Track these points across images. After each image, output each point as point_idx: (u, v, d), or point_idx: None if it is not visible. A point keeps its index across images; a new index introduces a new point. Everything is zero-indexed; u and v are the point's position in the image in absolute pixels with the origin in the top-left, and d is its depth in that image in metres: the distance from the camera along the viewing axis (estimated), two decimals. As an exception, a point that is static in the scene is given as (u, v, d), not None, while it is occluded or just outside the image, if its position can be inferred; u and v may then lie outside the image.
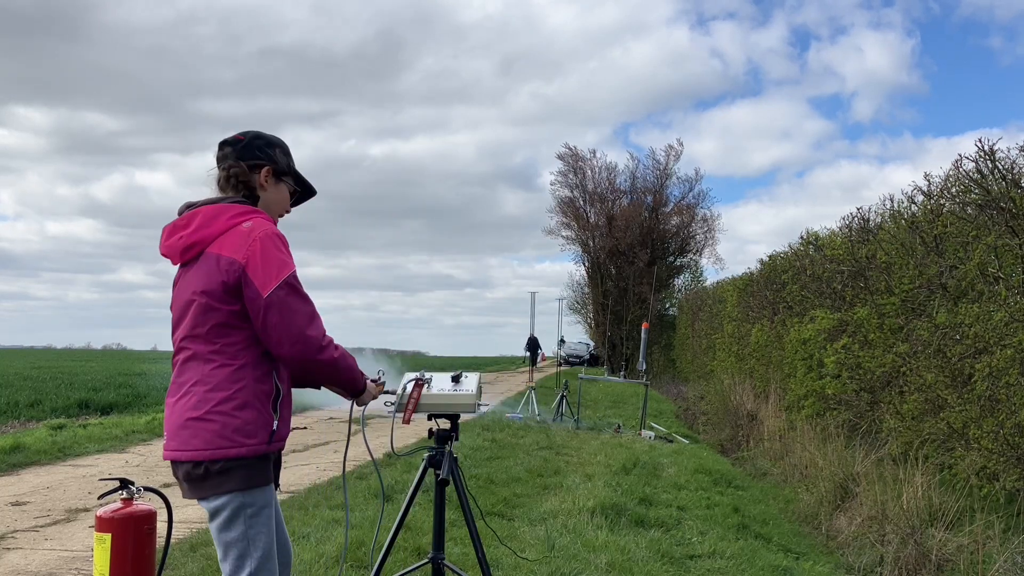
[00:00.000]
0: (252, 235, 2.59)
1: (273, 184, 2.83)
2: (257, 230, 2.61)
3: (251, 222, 2.64)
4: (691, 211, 39.01)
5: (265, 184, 2.80)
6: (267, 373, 2.64)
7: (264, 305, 2.53)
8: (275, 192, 2.84)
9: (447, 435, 3.49)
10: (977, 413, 5.82)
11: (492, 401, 18.20)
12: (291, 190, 2.91)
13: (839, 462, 7.48)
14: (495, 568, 4.61)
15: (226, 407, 2.56)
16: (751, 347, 13.89)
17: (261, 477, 2.62)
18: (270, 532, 2.65)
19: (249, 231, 2.60)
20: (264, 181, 2.80)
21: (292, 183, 2.90)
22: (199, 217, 2.66)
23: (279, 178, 2.84)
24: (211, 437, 2.56)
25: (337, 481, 7.75)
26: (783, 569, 5.22)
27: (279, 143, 2.88)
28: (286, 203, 2.90)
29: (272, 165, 2.81)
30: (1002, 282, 5.92)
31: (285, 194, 2.88)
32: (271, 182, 2.82)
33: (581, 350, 50.25)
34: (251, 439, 2.57)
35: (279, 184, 2.85)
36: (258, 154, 2.79)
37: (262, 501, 2.62)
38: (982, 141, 6.21)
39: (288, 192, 2.89)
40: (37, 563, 5.08)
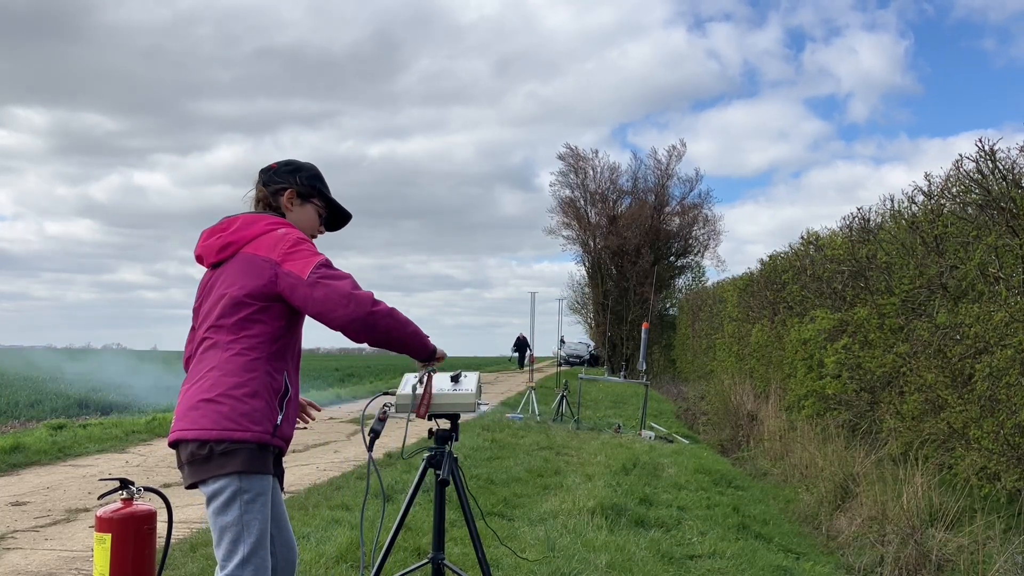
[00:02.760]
0: (285, 238, 2.78)
1: (299, 206, 3.00)
2: (290, 235, 2.81)
3: (285, 229, 2.83)
4: (693, 211, 39.02)
5: (290, 206, 2.99)
6: (279, 370, 2.77)
7: (308, 284, 2.67)
8: (301, 213, 3.00)
9: (447, 435, 3.49)
10: (977, 413, 5.81)
11: (492, 401, 18.20)
12: (319, 211, 3.05)
13: (839, 462, 7.48)
14: (495, 568, 4.61)
15: (237, 392, 2.68)
16: (751, 347, 13.88)
17: (261, 464, 2.69)
18: (264, 520, 2.70)
19: (282, 235, 2.79)
20: (288, 203, 2.99)
21: (320, 204, 3.05)
22: (239, 221, 2.87)
23: (305, 200, 3.01)
24: (219, 418, 2.65)
25: (337, 481, 7.75)
26: (783, 569, 5.22)
27: (307, 167, 3.06)
28: (313, 223, 3.04)
29: (295, 188, 2.98)
30: (1002, 282, 5.92)
31: (311, 215, 3.03)
32: (296, 203, 2.99)
33: (581, 350, 50.22)
34: (257, 426, 2.67)
35: (305, 206, 3.01)
36: (280, 180, 2.99)
37: (259, 488, 2.69)
38: (982, 141, 6.22)
39: (316, 213, 3.04)
40: (37, 563, 5.08)
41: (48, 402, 17.12)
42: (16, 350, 72.65)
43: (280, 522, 2.97)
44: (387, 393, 3.51)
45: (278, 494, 2.94)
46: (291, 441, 2.89)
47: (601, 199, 39.50)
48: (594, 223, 39.20)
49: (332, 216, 3.14)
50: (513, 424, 12.88)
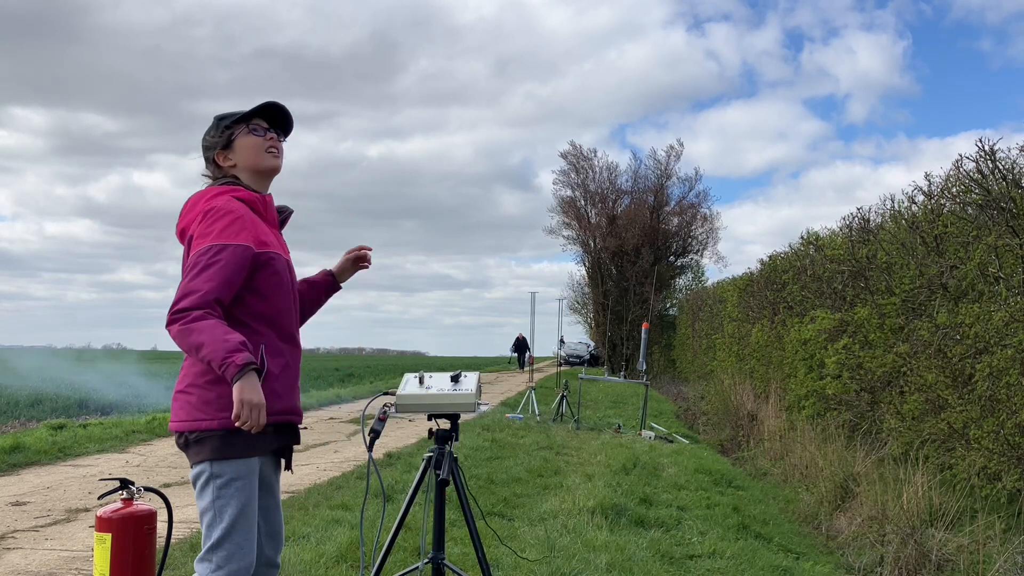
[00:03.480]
0: (199, 223, 2.68)
1: (233, 153, 2.85)
2: (206, 205, 2.71)
3: (205, 209, 2.70)
4: (692, 211, 39.04)
5: (228, 160, 2.85)
6: (253, 350, 2.66)
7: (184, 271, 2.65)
8: (239, 154, 2.85)
9: (447, 435, 3.49)
10: (978, 413, 5.81)
11: (492, 401, 18.19)
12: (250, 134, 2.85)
13: (839, 462, 7.48)
14: (495, 568, 4.61)
15: (201, 380, 2.66)
16: (751, 347, 13.88)
17: (235, 449, 2.64)
18: (240, 506, 2.64)
19: (199, 218, 2.69)
20: (225, 161, 2.86)
21: (245, 129, 2.85)
22: (187, 204, 2.82)
23: (230, 143, 2.85)
24: (190, 409, 2.66)
25: (337, 481, 7.75)
26: (783, 569, 5.22)
27: (211, 124, 2.89)
28: (256, 149, 2.85)
29: (217, 147, 2.85)
30: (1002, 282, 5.92)
31: (247, 144, 2.85)
32: (229, 154, 2.85)
33: (581, 350, 50.21)
34: (223, 412, 2.60)
35: (235, 147, 2.85)
36: (207, 153, 2.89)
37: (233, 473, 2.64)
38: (982, 141, 6.22)
39: (249, 139, 2.85)
40: (37, 563, 5.08)
41: (48, 402, 17.12)
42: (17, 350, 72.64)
43: (269, 513, 2.89)
44: (387, 393, 3.51)
45: (272, 482, 2.87)
46: (296, 412, 2.83)
47: (601, 199, 39.51)
48: (594, 223, 39.20)
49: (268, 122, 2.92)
50: (513, 424, 12.88)
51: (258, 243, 2.71)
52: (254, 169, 2.86)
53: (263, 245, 2.72)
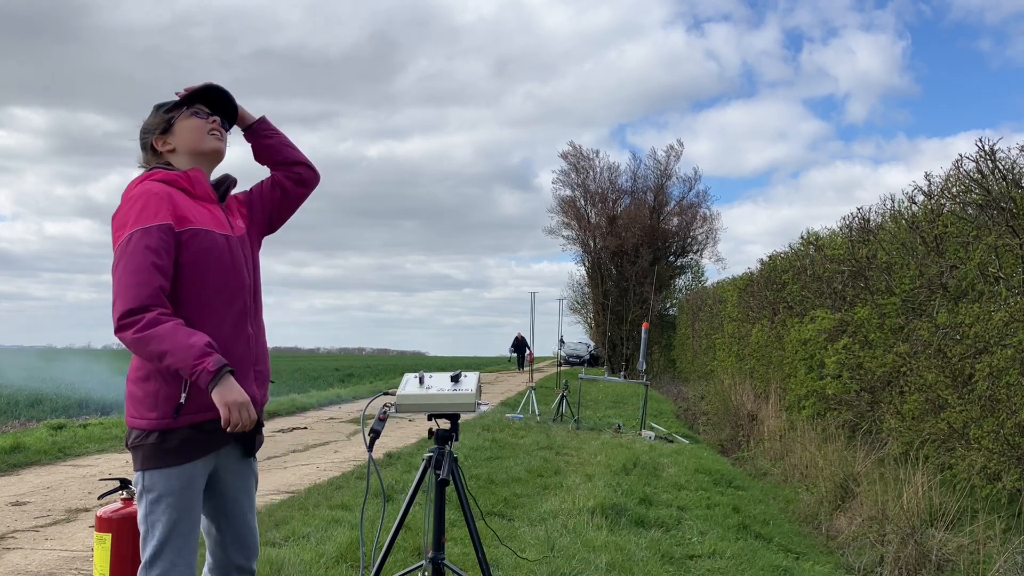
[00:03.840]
0: (115, 216, 2.56)
1: (172, 136, 2.71)
2: (124, 196, 2.59)
3: (122, 202, 2.58)
4: (692, 211, 39.04)
5: (167, 145, 2.71)
6: None
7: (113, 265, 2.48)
8: (179, 138, 2.70)
9: (447, 435, 3.49)
10: (978, 413, 5.81)
11: (492, 401, 18.19)
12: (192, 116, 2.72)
13: (839, 462, 7.48)
14: (495, 568, 4.61)
15: (134, 375, 2.55)
16: (751, 347, 13.88)
17: (166, 457, 2.48)
18: (172, 523, 2.48)
19: (122, 199, 2.59)
20: (163, 145, 2.71)
21: (185, 112, 2.72)
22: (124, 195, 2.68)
23: (169, 127, 2.71)
24: (128, 406, 2.56)
25: (337, 481, 7.75)
26: (783, 569, 5.22)
27: (152, 112, 2.76)
28: (197, 131, 2.71)
29: (155, 132, 2.71)
30: (1002, 282, 5.92)
31: (188, 127, 2.71)
32: (168, 138, 2.71)
33: (581, 350, 50.20)
34: (152, 412, 2.48)
35: (175, 130, 2.71)
36: (145, 139, 2.74)
37: (163, 488, 2.48)
38: (982, 141, 6.22)
39: (191, 121, 2.71)
40: (37, 563, 5.08)
41: (48, 402, 17.12)
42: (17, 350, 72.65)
43: (232, 516, 2.72)
44: (387, 393, 3.51)
45: (231, 481, 2.70)
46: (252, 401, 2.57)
47: (601, 199, 39.51)
48: (594, 223, 39.19)
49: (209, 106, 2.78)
50: (513, 424, 12.88)
51: (178, 220, 2.52)
52: (195, 151, 2.70)
53: (184, 222, 2.53)
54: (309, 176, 2.97)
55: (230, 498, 2.71)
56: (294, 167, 2.94)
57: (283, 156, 2.93)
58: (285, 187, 2.92)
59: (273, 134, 2.94)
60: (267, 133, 2.93)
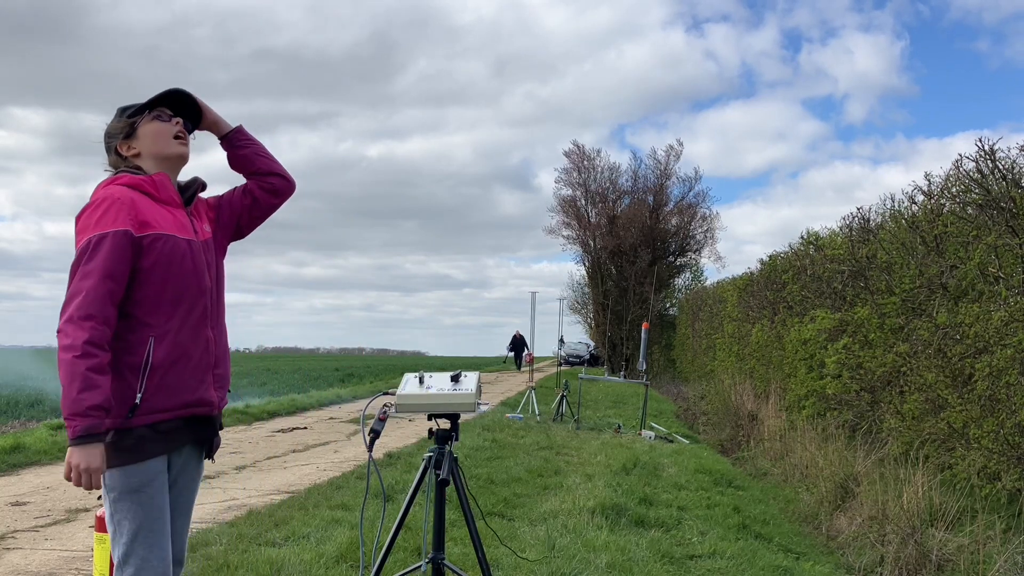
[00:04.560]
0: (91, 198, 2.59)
1: (136, 140, 2.71)
2: (94, 194, 2.61)
3: (93, 196, 2.61)
4: (691, 211, 39.02)
5: (132, 149, 2.71)
6: (139, 343, 2.53)
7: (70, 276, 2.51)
8: (143, 142, 2.71)
9: (447, 435, 3.49)
10: (977, 413, 5.81)
11: (492, 401, 18.19)
12: (156, 120, 2.72)
13: (839, 462, 7.48)
14: (495, 568, 4.61)
15: None
16: (751, 347, 13.88)
17: (118, 458, 2.49)
18: (139, 520, 2.51)
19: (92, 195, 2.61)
20: (127, 150, 2.71)
21: (148, 116, 2.72)
22: None
23: (132, 132, 2.71)
24: None
25: (337, 481, 7.75)
26: (783, 569, 5.22)
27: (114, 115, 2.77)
28: (162, 136, 2.72)
29: (118, 136, 2.72)
30: (1002, 282, 5.92)
31: (151, 132, 2.71)
32: (131, 143, 2.71)
33: (581, 350, 50.20)
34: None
35: (139, 135, 2.71)
36: (107, 145, 2.75)
37: (124, 485, 2.50)
38: (982, 141, 6.22)
39: (155, 125, 2.72)
40: (37, 563, 5.08)
41: (48, 402, 17.12)
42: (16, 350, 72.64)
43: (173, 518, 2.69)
44: (387, 393, 3.51)
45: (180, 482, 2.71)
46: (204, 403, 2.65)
47: (601, 199, 39.50)
48: (594, 223, 39.19)
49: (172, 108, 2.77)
50: (513, 424, 12.88)
51: (138, 226, 2.53)
52: (159, 156, 2.71)
53: (145, 227, 2.54)
54: (282, 187, 2.95)
55: (171, 498, 2.70)
56: (268, 177, 2.92)
57: (257, 166, 2.92)
58: (256, 196, 2.91)
59: (248, 144, 2.92)
60: (242, 143, 2.92)
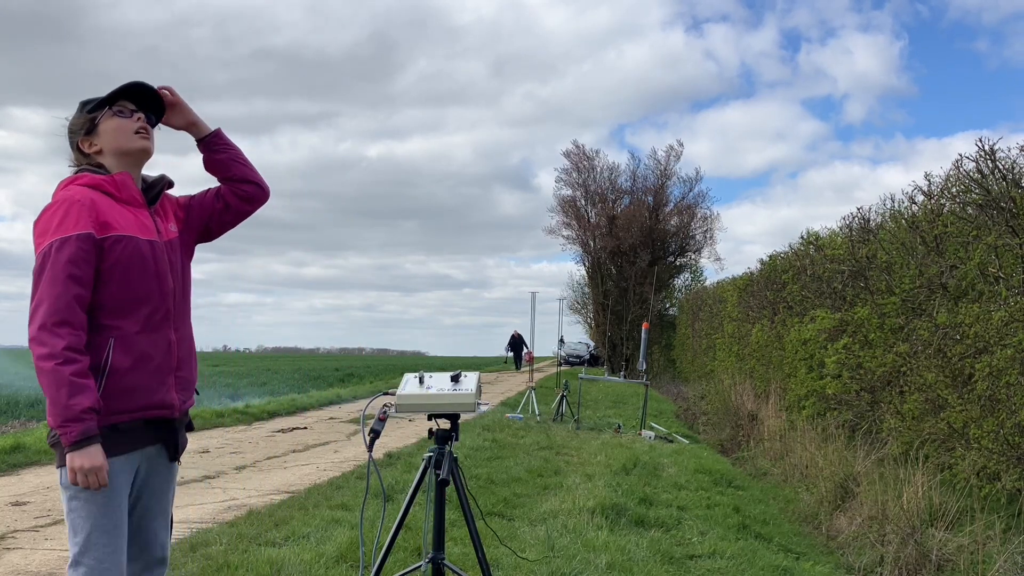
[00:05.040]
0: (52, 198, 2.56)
1: (97, 136, 2.66)
2: (54, 195, 2.58)
3: (53, 197, 2.58)
4: (691, 211, 39.02)
5: (93, 146, 2.66)
6: (98, 345, 2.49)
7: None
8: (105, 138, 2.66)
9: (447, 435, 3.49)
10: (977, 413, 5.81)
11: (492, 401, 18.19)
12: (116, 115, 2.67)
13: (839, 462, 7.48)
14: (495, 568, 4.61)
15: None
16: (751, 347, 13.88)
17: None
18: (94, 520, 2.47)
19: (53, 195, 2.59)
20: (89, 146, 2.67)
21: (110, 111, 2.66)
22: None
23: (94, 127, 2.66)
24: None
25: (337, 481, 7.75)
26: (783, 569, 5.22)
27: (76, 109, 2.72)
28: (124, 131, 2.66)
29: (80, 133, 2.67)
30: (1002, 282, 5.92)
31: (112, 127, 2.65)
32: (93, 138, 2.66)
33: (581, 350, 50.21)
34: None
35: (100, 130, 2.66)
36: (70, 141, 2.71)
37: (76, 487, 2.45)
38: (982, 141, 6.22)
39: (115, 121, 2.66)
40: (37, 563, 5.08)
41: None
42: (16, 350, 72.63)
43: (137, 516, 2.65)
44: (387, 393, 3.51)
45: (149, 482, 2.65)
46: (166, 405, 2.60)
47: (601, 199, 39.51)
48: (594, 223, 39.19)
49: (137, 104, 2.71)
50: (513, 424, 12.88)
51: (99, 227, 2.50)
52: (121, 152, 2.65)
53: (106, 229, 2.51)
54: (256, 194, 2.91)
55: (142, 500, 2.66)
56: (242, 184, 2.88)
57: (233, 172, 2.88)
58: (229, 202, 2.87)
59: (226, 148, 2.88)
60: (220, 147, 2.87)
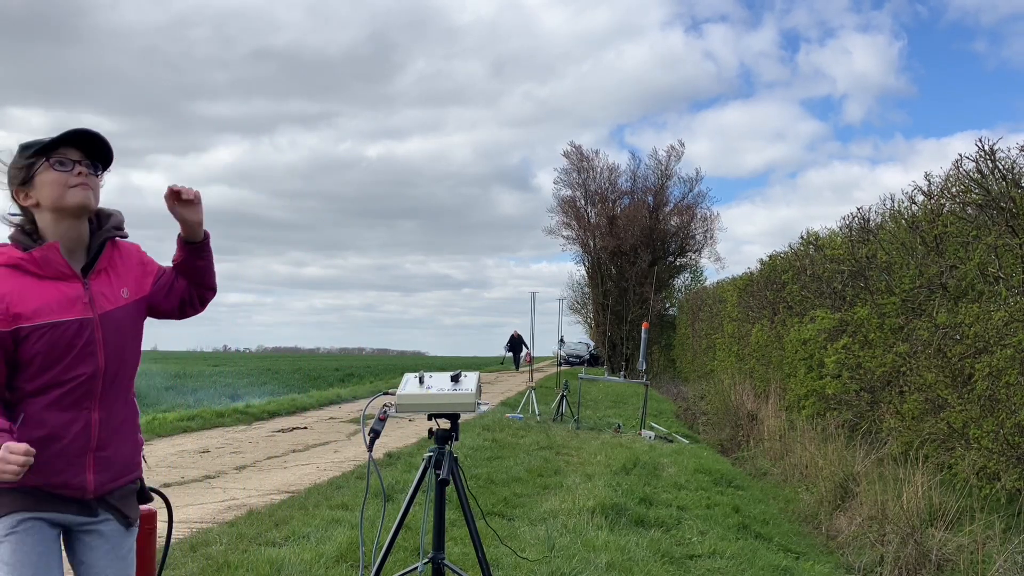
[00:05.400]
0: None
1: (34, 190, 2.40)
2: None
3: None
4: (691, 211, 39.05)
5: (29, 198, 2.41)
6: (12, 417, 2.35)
7: None
8: (41, 191, 2.39)
9: (447, 435, 3.49)
10: (977, 413, 5.82)
11: (492, 401, 18.19)
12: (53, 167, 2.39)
13: (839, 462, 7.48)
14: (495, 568, 4.61)
15: None
16: (751, 347, 13.89)
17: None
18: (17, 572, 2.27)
19: None
20: (24, 199, 2.41)
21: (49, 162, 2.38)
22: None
23: (29, 179, 2.39)
24: None
25: (337, 481, 7.75)
26: (783, 569, 5.22)
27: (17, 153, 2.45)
28: (54, 185, 2.38)
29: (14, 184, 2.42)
30: (1002, 282, 5.92)
31: (45, 181, 2.38)
32: (29, 191, 2.40)
33: (581, 350, 50.21)
34: None
35: (37, 183, 2.39)
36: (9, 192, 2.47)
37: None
38: (982, 141, 6.22)
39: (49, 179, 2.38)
40: (37, 563, 5.07)
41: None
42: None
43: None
44: (387, 393, 3.51)
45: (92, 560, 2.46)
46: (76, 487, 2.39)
47: (601, 199, 39.52)
48: (594, 223, 39.20)
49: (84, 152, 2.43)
50: (513, 424, 12.88)
51: (12, 319, 2.31)
52: (56, 209, 2.38)
53: (18, 320, 2.32)
54: (209, 300, 2.80)
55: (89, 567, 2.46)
56: (208, 292, 2.77)
57: (207, 281, 2.74)
58: (186, 301, 2.73)
59: (208, 257, 2.73)
60: (204, 255, 2.71)
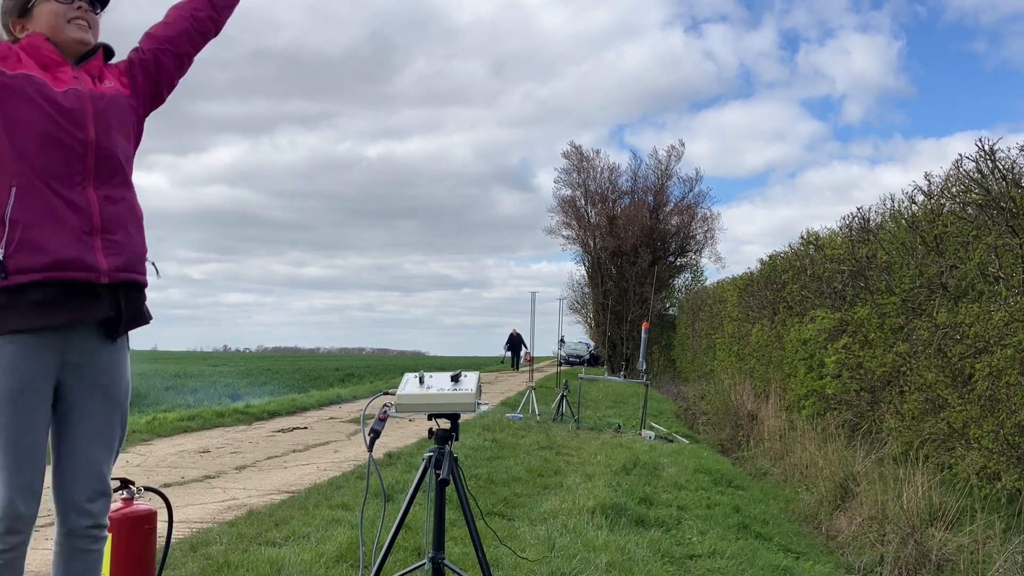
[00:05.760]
0: None
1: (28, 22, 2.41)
2: None
3: None
4: (691, 211, 39.07)
5: (20, 33, 2.41)
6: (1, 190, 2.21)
7: None
8: (36, 22, 2.40)
9: (447, 435, 3.49)
10: (977, 413, 5.82)
11: (492, 401, 18.19)
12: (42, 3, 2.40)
13: (839, 462, 7.48)
14: (495, 568, 4.61)
15: None
16: (751, 347, 13.89)
17: None
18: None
19: None
20: (19, 32, 2.42)
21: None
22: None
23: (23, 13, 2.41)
24: None
25: (337, 481, 7.75)
26: (783, 569, 5.22)
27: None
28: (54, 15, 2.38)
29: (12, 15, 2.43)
30: (1002, 282, 5.92)
31: (45, 11, 2.39)
32: (23, 24, 2.41)
33: (581, 350, 50.22)
34: None
35: (31, 15, 2.40)
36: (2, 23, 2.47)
37: None
38: (982, 141, 6.22)
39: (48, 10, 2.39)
40: (37, 563, 5.07)
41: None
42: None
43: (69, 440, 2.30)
44: (387, 393, 3.51)
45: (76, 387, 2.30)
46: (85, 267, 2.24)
47: (601, 199, 39.54)
48: (594, 223, 39.22)
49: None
50: (513, 424, 12.88)
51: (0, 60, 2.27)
52: (54, 41, 2.38)
53: (4, 63, 2.26)
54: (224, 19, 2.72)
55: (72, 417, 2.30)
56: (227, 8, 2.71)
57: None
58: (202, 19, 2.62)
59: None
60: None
